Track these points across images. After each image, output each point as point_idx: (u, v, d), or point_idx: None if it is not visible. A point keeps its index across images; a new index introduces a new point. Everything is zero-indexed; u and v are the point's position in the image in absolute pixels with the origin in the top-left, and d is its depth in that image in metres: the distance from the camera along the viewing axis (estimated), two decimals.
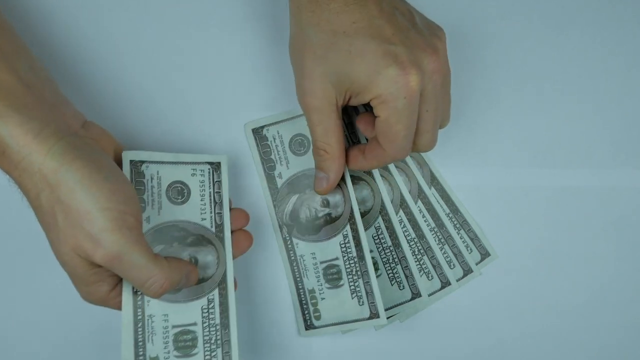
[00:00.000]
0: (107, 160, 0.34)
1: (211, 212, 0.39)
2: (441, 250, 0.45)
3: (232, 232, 0.39)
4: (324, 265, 0.42)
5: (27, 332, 0.43)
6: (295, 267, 0.43)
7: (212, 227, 0.39)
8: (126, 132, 0.43)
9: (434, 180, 0.45)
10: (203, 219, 0.39)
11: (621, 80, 0.46)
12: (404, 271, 0.44)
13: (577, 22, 0.46)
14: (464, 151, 0.46)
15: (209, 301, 0.38)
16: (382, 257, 0.44)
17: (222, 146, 0.44)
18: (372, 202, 0.44)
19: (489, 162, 0.46)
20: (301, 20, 0.36)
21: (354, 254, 0.41)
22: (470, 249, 0.45)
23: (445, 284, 0.44)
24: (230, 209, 0.40)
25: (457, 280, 0.44)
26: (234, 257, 0.39)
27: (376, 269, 0.43)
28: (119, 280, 0.35)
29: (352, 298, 0.41)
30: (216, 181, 0.40)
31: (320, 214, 0.42)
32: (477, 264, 0.45)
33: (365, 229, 0.44)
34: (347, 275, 0.42)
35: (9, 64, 0.33)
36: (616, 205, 0.46)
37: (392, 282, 0.44)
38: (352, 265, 0.42)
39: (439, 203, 0.45)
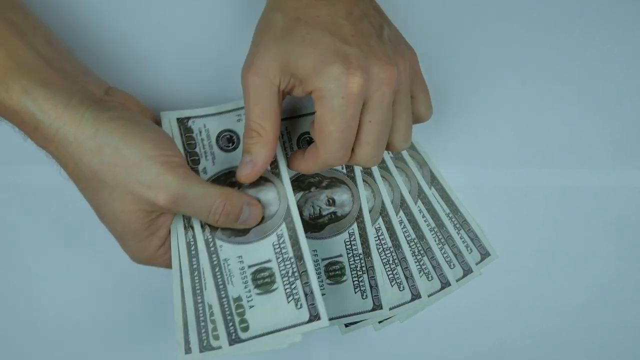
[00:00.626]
0: (137, 116, 0.35)
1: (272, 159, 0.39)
2: (441, 251, 0.45)
3: None
4: (326, 262, 0.42)
5: (26, 332, 0.43)
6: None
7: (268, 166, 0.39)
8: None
9: (434, 180, 0.45)
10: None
11: (621, 80, 0.46)
12: (404, 272, 0.44)
13: (577, 22, 0.46)
14: (464, 151, 0.46)
15: (278, 237, 0.38)
16: (383, 257, 0.44)
17: None
18: (373, 203, 0.44)
19: (489, 162, 0.46)
20: (272, 4, 0.36)
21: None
22: (470, 249, 0.45)
23: (445, 284, 0.44)
24: None
25: (457, 280, 0.44)
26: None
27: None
28: (167, 236, 0.37)
29: (356, 292, 0.42)
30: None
31: (325, 212, 0.42)
32: (477, 264, 0.45)
33: (366, 230, 0.44)
34: (352, 271, 0.42)
35: (26, 41, 0.33)
36: (616, 205, 0.46)
37: (392, 283, 0.44)
38: (357, 261, 0.42)
39: (439, 203, 0.45)
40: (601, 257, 0.45)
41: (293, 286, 0.38)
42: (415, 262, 0.44)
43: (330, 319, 0.41)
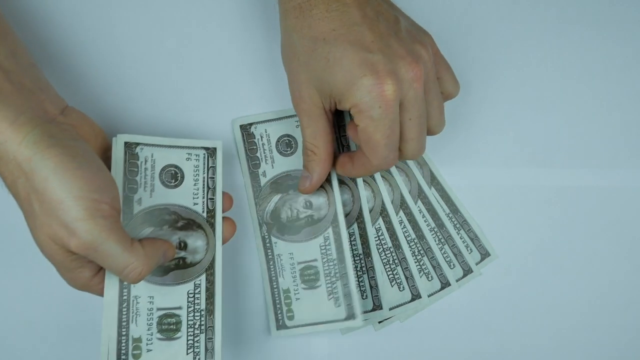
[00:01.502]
0: (82, 147, 0.34)
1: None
2: (441, 251, 0.45)
3: None
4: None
5: (25, 330, 0.43)
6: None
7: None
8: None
9: (434, 180, 0.45)
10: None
11: (621, 80, 0.46)
12: (404, 272, 0.44)
13: (577, 23, 0.46)
14: (464, 151, 0.46)
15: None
16: (383, 258, 0.44)
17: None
18: (373, 203, 0.44)
19: (489, 162, 0.46)
20: (287, 26, 0.36)
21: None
22: (470, 249, 0.45)
23: (445, 284, 0.44)
24: None
25: (457, 280, 0.44)
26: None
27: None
28: (100, 267, 0.35)
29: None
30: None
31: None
32: (477, 264, 0.45)
33: (367, 229, 0.44)
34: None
35: None
36: (616, 205, 0.46)
37: (393, 284, 0.44)
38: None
39: (439, 203, 0.45)
40: (601, 257, 0.45)
41: (334, 285, 0.41)
42: (415, 262, 0.44)
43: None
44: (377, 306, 0.43)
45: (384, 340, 0.44)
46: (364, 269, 0.43)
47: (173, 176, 0.39)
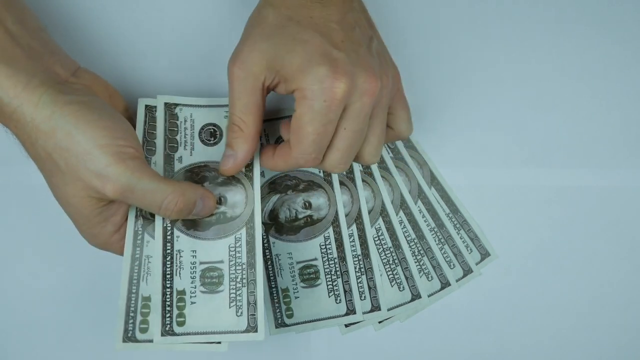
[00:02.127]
0: (98, 101, 0.34)
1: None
2: (441, 251, 0.45)
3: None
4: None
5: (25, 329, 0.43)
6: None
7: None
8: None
9: (434, 180, 0.45)
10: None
11: (621, 80, 0.46)
12: (404, 272, 0.44)
13: (576, 22, 0.46)
14: (464, 151, 0.46)
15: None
16: (383, 258, 0.44)
17: None
18: (373, 203, 0.44)
19: (489, 162, 0.46)
20: (267, 0, 0.36)
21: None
22: (470, 249, 0.45)
23: (445, 284, 0.44)
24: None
25: (457, 280, 0.44)
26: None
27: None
28: (122, 223, 0.36)
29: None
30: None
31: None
32: (477, 264, 0.45)
33: (366, 229, 0.44)
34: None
35: None
36: (616, 205, 0.46)
37: (392, 284, 0.44)
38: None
39: (439, 203, 0.45)
40: (601, 257, 0.45)
41: (335, 283, 0.41)
42: (415, 262, 0.44)
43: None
44: (376, 307, 0.43)
45: (384, 340, 0.44)
46: (362, 269, 0.43)
47: (212, 134, 0.40)
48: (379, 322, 0.44)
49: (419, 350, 0.44)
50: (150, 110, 0.40)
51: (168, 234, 0.38)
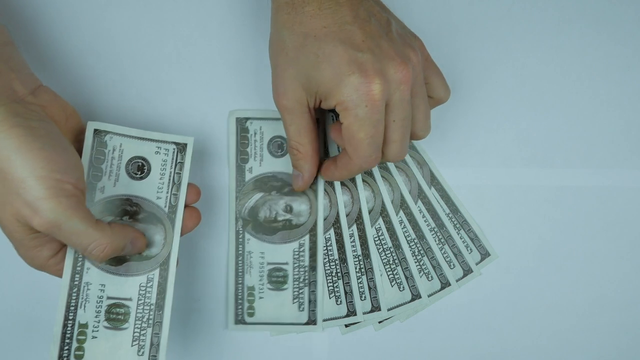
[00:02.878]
0: (48, 128, 0.34)
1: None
2: (441, 251, 0.45)
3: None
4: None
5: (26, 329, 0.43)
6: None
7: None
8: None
9: (434, 180, 0.45)
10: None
11: (621, 80, 0.46)
12: (404, 272, 0.44)
13: (576, 22, 0.46)
14: (464, 151, 0.46)
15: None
16: (383, 258, 0.44)
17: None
18: (373, 203, 0.44)
19: (489, 162, 0.46)
20: (278, 21, 0.36)
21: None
22: (470, 249, 0.45)
23: (445, 284, 0.44)
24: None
25: (457, 280, 0.44)
26: (180, 235, 0.39)
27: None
28: (60, 248, 0.36)
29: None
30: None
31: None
32: (477, 264, 0.45)
33: (367, 229, 0.44)
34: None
35: None
36: (616, 205, 0.46)
37: (393, 284, 0.44)
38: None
39: (439, 203, 0.45)
40: (601, 257, 0.45)
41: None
42: (415, 262, 0.44)
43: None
44: (376, 307, 0.43)
45: (384, 340, 0.44)
46: (362, 270, 0.43)
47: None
48: (379, 322, 0.44)
49: (419, 350, 0.44)
50: (98, 134, 0.38)
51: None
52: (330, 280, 0.43)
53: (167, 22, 0.44)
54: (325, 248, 0.43)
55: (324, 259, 0.43)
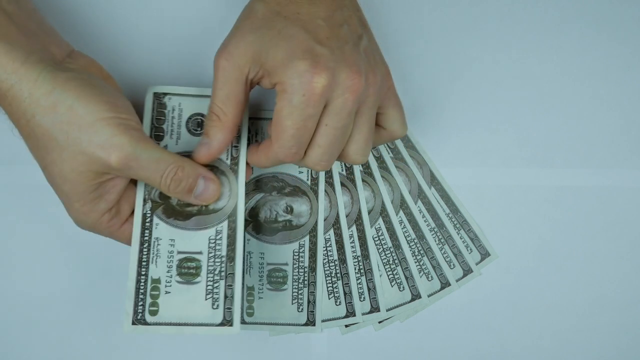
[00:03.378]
0: (97, 79, 0.35)
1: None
2: (441, 251, 0.45)
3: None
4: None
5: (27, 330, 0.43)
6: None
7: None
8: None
9: (434, 180, 0.45)
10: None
11: (621, 80, 0.46)
12: (404, 272, 0.44)
13: (576, 22, 0.46)
14: (464, 151, 0.46)
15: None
16: (383, 258, 0.44)
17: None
18: (373, 203, 0.44)
19: (489, 162, 0.46)
20: None
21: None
22: (470, 249, 0.45)
23: (445, 284, 0.44)
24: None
25: (457, 280, 0.44)
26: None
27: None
28: (115, 201, 0.36)
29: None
30: None
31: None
32: (477, 264, 0.45)
33: (366, 230, 0.44)
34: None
35: None
36: (616, 205, 0.46)
37: (392, 284, 0.44)
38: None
39: (438, 203, 0.45)
40: (601, 257, 0.45)
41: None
42: (415, 262, 0.44)
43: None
44: (375, 308, 0.43)
45: (384, 340, 0.44)
46: (362, 271, 0.43)
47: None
48: (379, 322, 0.44)
49: (419, 350, 0.44)
50: (158, 97, 0.40)
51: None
52: (330, 281, 0.43)
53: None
54: (324, 249, 0.43)
55: (324, 259, 0.43)
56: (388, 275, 0.44)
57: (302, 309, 0.42)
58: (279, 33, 0.34)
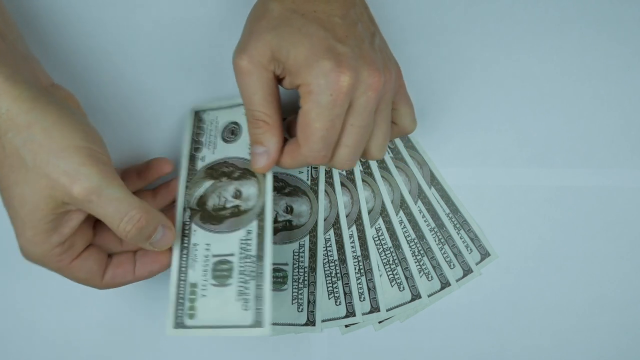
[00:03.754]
0: (76, 110, 0.34)
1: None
2: (441, 251, 0.45)
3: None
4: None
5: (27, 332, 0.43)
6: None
7: None
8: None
9: (434, 180, 0.45)
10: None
11: (621, 80, 0.46)
12: (404, 272, 0.44)
13: (576, 22, 0.46)
14: (464, 151, 0.46)
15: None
16: (383, 258, 0.44)
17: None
18: (373, 203, 0.44)
19: (489, 162, 0.46)
20: None
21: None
22: (470, 249, 0.45)
23: (445, 284, 0.44)
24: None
25: (457, 281, 0.44)
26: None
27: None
28: (68, 236, 0.34)
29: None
30: None
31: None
32: (477, 264, 0.45)
33: (366, 230, 0.44)
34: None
35: None
36: (616, 205, 0.46)
37: (392, 284, 0.44)
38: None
39: (438, 203, 0.45)
40: (601, 257, 0.45)
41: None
42: (415, 262, 0.44)
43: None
44: (375, 308, 0.43)
45: (384, 340, 0.44)
46: (362, 271, 0.43)
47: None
48: (379, 322, 0.44)
49: (419, 350, 0.44)
50: (198, 114, 0.42)
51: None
52: (330, 281, 0.43)
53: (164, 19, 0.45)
54: (324, 249, 0.43)
55: (324, 259, 0.43)
56: (388, 275, 0.44)
57: (302, 309, 0.42)
58: (298, 31, 0.33)
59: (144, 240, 0.35)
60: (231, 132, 0.41)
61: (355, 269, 0.43)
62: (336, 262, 0.43)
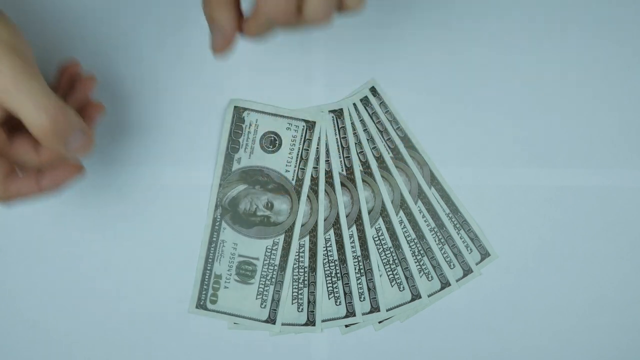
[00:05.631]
0: (3, 14, 0.33)
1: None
2: (441, 251, 0.45)
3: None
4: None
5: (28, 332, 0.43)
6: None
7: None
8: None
9: (434, 180, 0.45)
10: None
11: (621, 80, 0.46)
12: (404, 272, 0.44)
13: (577, 22, 0.46)
14: (464, 151, 0.46)
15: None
16: (383, 258, 0.44)
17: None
18: (373, 204, 0.44)
19: (489, 162, 0.46)
20: None
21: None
22: (470, 249, 0.45)
23: (445, 284, 0.44)
24: None
25: (457, 281, 0.44)
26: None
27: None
28: None
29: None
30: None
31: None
32: (477, 264, 0.45)
33: (366, 230, 0.44)
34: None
35: None
36: (616, 205, 0.46)
37: (393, 284, 0.44)
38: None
39: (438, 203, 0.45)
40: (601, 257, 0.45)
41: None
42: (415, 262, 0.44)
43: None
44: (375, 308, 0.43)
45: (384, 340, 0.44)
46: (362, 271, 0.43)
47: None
48: (379, 322, 0.44)
49: (419, 350, 0.44)
50: (238, 111, 0.43)
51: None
52: (330, 281, 0.43)
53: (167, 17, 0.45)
54: (324, 249, 0.43)
55: (324, 259, 0.43)
56: (388, 275, 0.44)
57: (302, 309, 0.42)
58: None
59: (61, 142, 0.31)
60: (270, 142, 0.43)
61: (355, 269, 0.43)
62: (336, 262, 0.43)
